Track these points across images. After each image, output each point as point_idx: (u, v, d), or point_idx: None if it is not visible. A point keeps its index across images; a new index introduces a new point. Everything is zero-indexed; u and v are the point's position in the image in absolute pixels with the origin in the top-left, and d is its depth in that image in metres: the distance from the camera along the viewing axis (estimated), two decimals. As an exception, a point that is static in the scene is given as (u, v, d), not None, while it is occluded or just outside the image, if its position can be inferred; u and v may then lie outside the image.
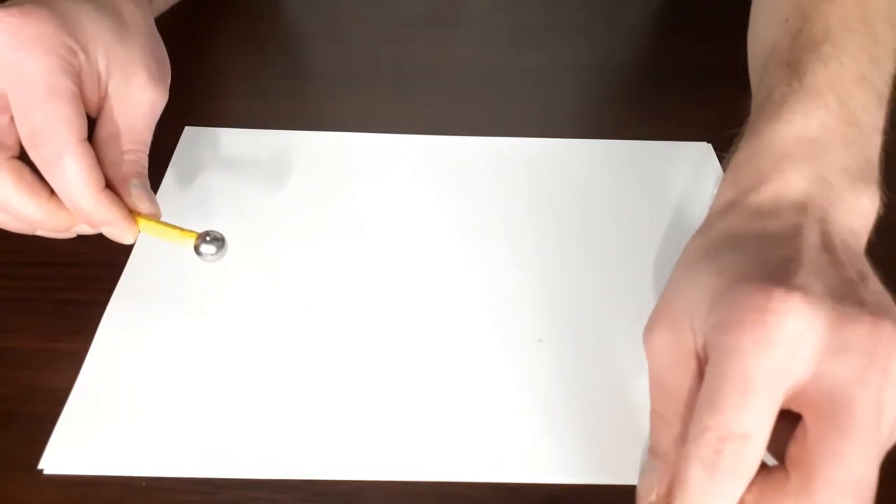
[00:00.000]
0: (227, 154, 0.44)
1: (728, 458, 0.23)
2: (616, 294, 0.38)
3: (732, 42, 0.59)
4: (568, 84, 0.53)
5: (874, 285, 0.26)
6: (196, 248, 0.33)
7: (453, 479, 0.31)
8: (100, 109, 0.34)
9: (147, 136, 0.35)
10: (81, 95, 0.32)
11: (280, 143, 0.45)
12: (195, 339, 0.35)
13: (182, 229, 0.33)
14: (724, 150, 0.46)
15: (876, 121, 0.30)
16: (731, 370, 0.23)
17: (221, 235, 0.33)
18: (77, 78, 0.32)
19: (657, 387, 0.28)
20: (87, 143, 0.31)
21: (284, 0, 0.60)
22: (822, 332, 0.23)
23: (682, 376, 0.26)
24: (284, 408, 0.33)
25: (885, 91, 0.31)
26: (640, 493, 0.27)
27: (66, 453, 0.31)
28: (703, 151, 0.47)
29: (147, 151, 0.35)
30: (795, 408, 0.24)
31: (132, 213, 0.33)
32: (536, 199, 0.43)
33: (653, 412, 0.28)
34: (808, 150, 0.28)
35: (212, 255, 0.33)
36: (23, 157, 0.32)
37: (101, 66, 0.33)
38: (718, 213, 0.30)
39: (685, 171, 0.45)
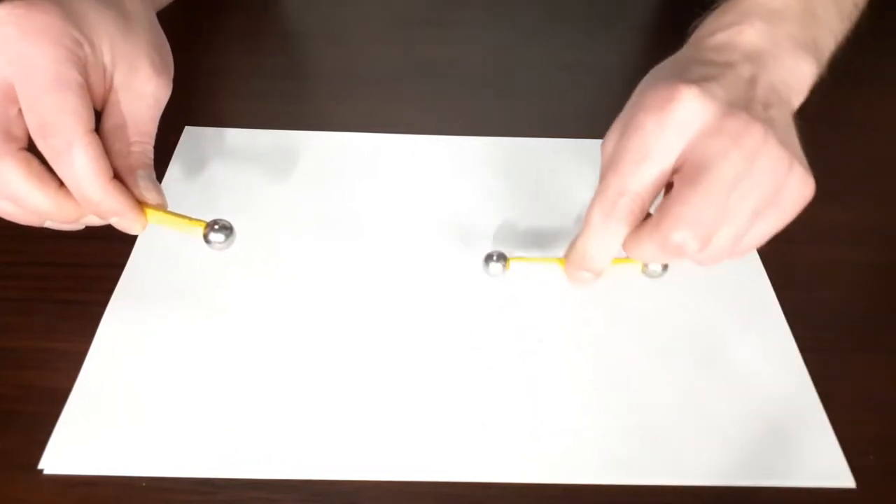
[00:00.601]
0: (226, 154, 0.44)
1: (621, 208, 0.30)
2: (616, 294, 0.38)
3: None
4: (568, 84, 0.53)
5: (777, 114, 0.31)
6: (205, 237, 0.33)
7: (453, 479, 0.31)
8: (105, 101, 0.34)
9: (152, 127, 0.35)
10: (87, 87, 0.32)
11: (280, 142, 0.45)
12: (195, 340, 0.35)
13: (190, 218, 0.33)
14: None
15: (831, 23, 0.35)
16: (633, 143, 0.30)
17: (229, 224, 0.33)
18: (83, 69, 0.32)
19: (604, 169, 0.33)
20: (95, 134, 0.32)
21: (284, 0, 0.60)
22: (707, 119, 0.29)
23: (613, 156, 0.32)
24: (284, 408, 0.33)
25: (845, 11, 0.36)
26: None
27: (66, 453, 0.31)
28: (703, 151, 0.47)
29: (152, 143, 0.35)
30: (672, 178, 0.30)
31: (140, 204, 0.33)
32: (536, 199, 0.43)
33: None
34: (769, 16, 0.33)
35: (220, 243, 0.33)
36: (31, 149, 0.32)
37: (107, 59, 0.33)
38: (679, 51, 0.34)
39: (685, 171, 0.45)
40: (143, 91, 0.34)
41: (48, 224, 0.34)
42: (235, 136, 0.46)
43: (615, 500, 0.31)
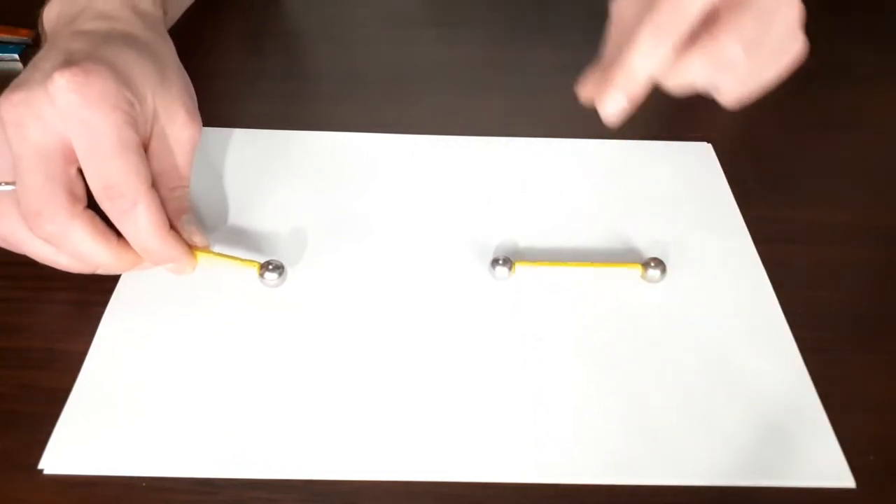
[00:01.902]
0: (227, 154, 0.44)
1: (673, 26, 0.32)
2: (616, 294, 0.38)
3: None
4: (568, 84, 0.53)
5: None
6: (260, 276, 0.36)
7: (453, 479, 0.31)
8: (147, 151, 0.35)
9: (189, 172, 0.37)
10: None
11: (280, 143, 0.45)
12: (195, 339, 0.35)
13: (241, 259, 0.36)
14: (724, 150, 0.46)
15: None
16: None
17: (281, 263, 0.36)
18: (136, 128, 0.34)
19: (617, 23, 0.36)
20: (153, 190, 0.34)
21: (285, 0, 0.60)
22: None
23: (638, 9, 0.33)
24: (284, 408, 0.33)
25: None
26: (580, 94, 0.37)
27: (66, 453, 0.31)
28: (703, 151, 0.47)
29: (189, 186, 0.37)
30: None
31: (190, 248, 0.36)
32: (536, 199, 0.43)
33: (609, 43, 0.37)
34: None
35: (274, 281, 0.36)
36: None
37: (149, 111, 0.35)
38: None
39: (685, 171, 0.45)
40: (180, 137, 0.36)
41: (99, 271, 0.36)
42: (236, 137, 0.46)
43: (615, 500, 0.31)
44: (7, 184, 0.33)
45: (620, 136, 0.47)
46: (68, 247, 0.33)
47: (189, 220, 0.36)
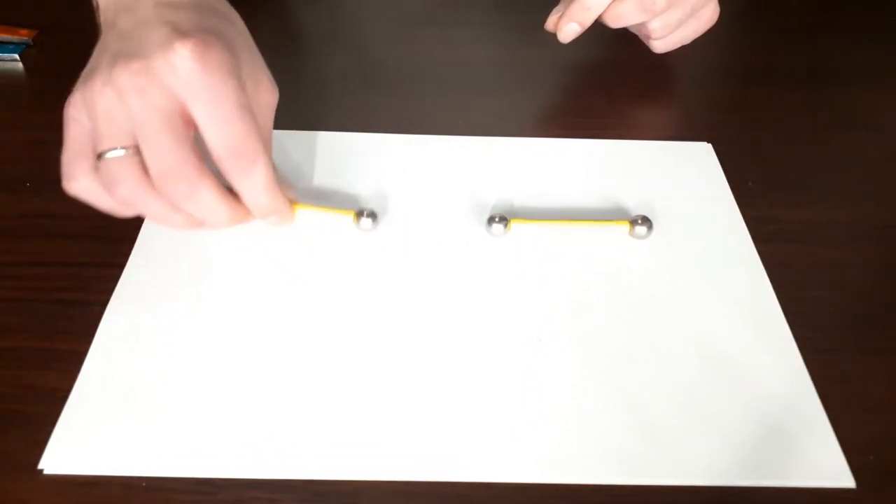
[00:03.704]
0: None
1: None
2: (616, 293, 0.38)
3: (732, 42, 0.59)
4: (568, 84, 0.53)
5: None
6: (356, 223, 0.40)
7: (453, 479, 0.31)
8: None
9: (270, 134, 0.39)
10: None
11: (280, 143, 0.45)
12: (195, 339, 0.35)
13: (335, 209, 0.40)
14: (724, 150, 0.46)
15: None
16: None
17: (374, 211, 0.40)
18: (246, 93, 0.36)
19: None
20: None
21: (286, 0, 0.60)
22: None
23: None
24: (285, 408, 0.33)
25: None
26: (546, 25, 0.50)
27: (66, 453, 0.31)
28: (703, 151, 0.47)
29: (271, 148, 0.39)
30: None
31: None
32: (536, 199, 0.43)
33: None
34: None
35: (369, 227, 0.40)
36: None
37: (244, 77, 0.36)
38: None
39: (685, 171, 0.45)
40: (266, 102, 0.38)
41: (203, 228, 0.37)
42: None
43: (615, 500, 0.31)
44: (122, 148, 0.34)
45: (621, 137, 0.47)
46: (193, 205, 0.35)
47: (280, 176, 0.38)
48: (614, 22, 0.48)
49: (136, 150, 0.34)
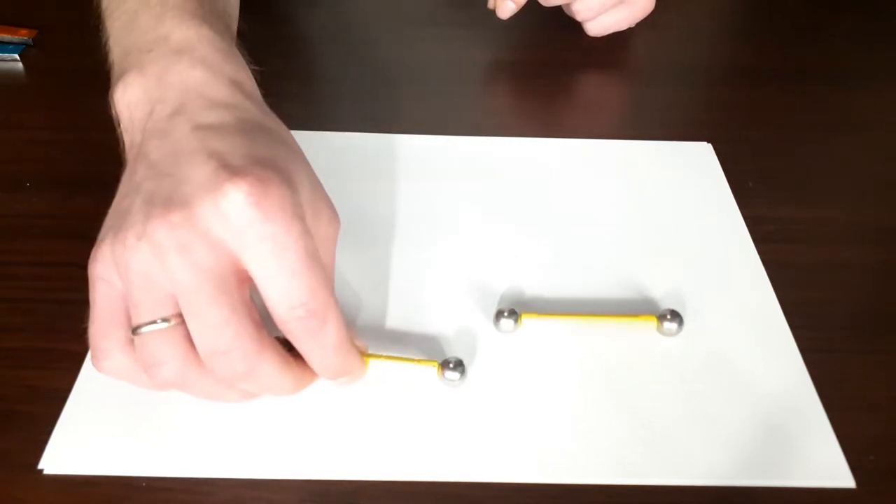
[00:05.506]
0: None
1: None
2: (616, 293, 0.38)
3: (732, 42, 0.59)
4: (568, 84, 0.53)
5: None
6: (440, 376, 0.33)
7: (453, 479, 0.31)
8: None
9: (333, 271, 0.33)
10: None
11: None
12: (195, 339, 0.35)
13: (415, 360, 0.34)
14: (724, 151, 0.46)
15: None
16: None
17: (461, 361, 0.33)
18: (312, 235, 0.29)
19: None
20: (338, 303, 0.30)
21: (287, 1, 0.60)
22: None
23: None
24: (284, 408, 0.33)
25: None
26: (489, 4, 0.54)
27: (66, 453, 0.31)
28: (703, 151, 0.47)
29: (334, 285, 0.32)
30: None
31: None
32: (536, 199, 0.43)
33: None
34: None
35: (456, 381, 0.33)
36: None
37: (304, 210, 0.30)
38: None
39: (685, 171, 0.45)
40: (327, 234, 0.32)
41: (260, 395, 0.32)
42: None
43: (615, 500, 0.31)
44: (162, 320, 0.28)
45: (621, 137, 0.47)
46: (253, 383, 0.29)
47: (349, 325, 0.32)
48: (544, 0, 0.52)
49: (181, 320, 0.28)
